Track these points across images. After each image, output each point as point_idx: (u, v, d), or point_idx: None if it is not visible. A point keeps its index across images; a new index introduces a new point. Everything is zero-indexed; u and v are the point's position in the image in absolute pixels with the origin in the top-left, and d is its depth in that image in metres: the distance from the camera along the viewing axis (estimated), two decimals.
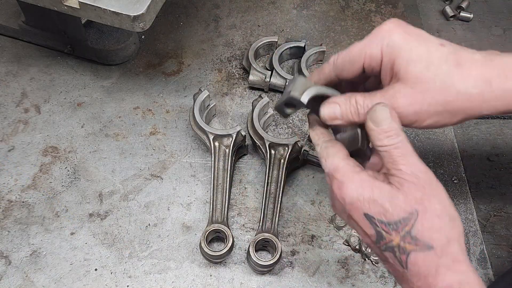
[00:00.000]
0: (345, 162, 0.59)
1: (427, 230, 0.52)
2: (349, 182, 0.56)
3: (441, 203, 0.54)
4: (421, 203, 0.53)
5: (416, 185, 0.54)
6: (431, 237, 0.52)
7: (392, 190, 0.54)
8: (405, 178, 0.54)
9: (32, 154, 0.94)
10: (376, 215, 0.54)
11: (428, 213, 0.53)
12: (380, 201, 0.54)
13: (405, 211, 0.53)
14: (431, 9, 1.25)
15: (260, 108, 0.94)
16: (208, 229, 0.81)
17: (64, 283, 0.81)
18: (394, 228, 0.53)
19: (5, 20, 1.08)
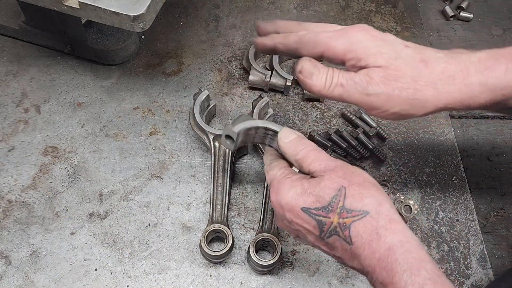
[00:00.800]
0: (281, 171, 0.65)
1: (358, 198, 0.57)
2: (282, 185, 0.62)
3: (361, 176, 0.60)
4: (344, 178, 0.58)
5: (335, 168, 0.60)
6: (363, 203, 0.56)
7: (317, 178, 0.60)
8: (325, 167, 0.61)
9: (32, 154, 0.94)
10: (311, 205, 0.58)
11: (353, 185, 0.58)
12: (310, 191, 0.59)
13: (333, 189, 0.58)
14: (431, 9, 1.25)
15: (260, 108, 0.94)
16: (208, 229, 0.81)
17: (64, 283, 0.81)
18: (330, 209, 0.57)
19: (5, 20, 1.08)
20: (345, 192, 0.57)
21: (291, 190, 0.61)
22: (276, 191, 0.62)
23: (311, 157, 0.63)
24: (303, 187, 0.60)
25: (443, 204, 0.92)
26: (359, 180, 0.59)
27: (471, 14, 1.22)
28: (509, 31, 1.21)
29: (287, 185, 0.61)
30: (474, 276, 0.85)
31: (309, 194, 0.59)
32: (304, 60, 0.67)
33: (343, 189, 0.58)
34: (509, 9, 1.26)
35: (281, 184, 0.62)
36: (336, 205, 0.57)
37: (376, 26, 1.18)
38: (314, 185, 0.59)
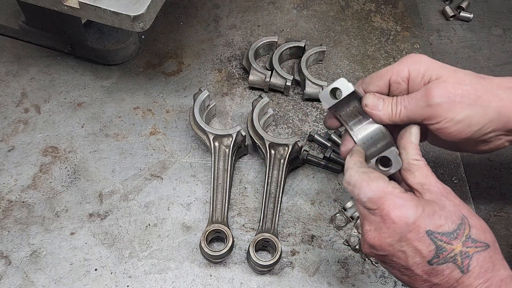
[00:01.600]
0: (390, 185, 0.60)
1: (481, 231, 0.58)
2: (407, 202, 0.58)
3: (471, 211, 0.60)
4: (463, 207, 0.59)
5: (451, 193, 0.60)
6: (485, 236, 0.58)
7: (440, 203, 0.59)
8: (440, 189, 0.60)
9: (32, 154, 0.94)
10: (436, 229, 0.57)
11: (472, 216, 0.58)
12: (439, 214, 0.57)
13: (457, 217, 0.57)
14: (431, 9, 1.25)
15: (260, 108, 0.94)
16: (208, 229, 0.81)
17: (64, 283, 0.81)
18: (455, 236, 0.57)
19: (5, 20, 1.08)
20: (469, 222, 0.58)
21: (419, 209, 0.57)
22: (401, 206, 0.58)
23: (426, 171, 0.61)
24: (431, 209, 0.58)
25: None
26: (471, 210, 0.60)
27: (471, 14, 1.22)
28: (509, 31, 1.21)
29: (413, 202, 0.58)
30: None
31: (434, 219, 0.57)
32: (368, 95, 0.68)
33: (465, 218, 0.58)
34: (509, 9, 1.26)
35: (405, 200, 0.58)
36: (461, 233, 0.57)
37: (376, 26, 1.18)
38: (440, 208, 0.58)
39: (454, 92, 0.62)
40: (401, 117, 0.65)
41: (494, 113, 0.63)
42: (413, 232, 0.57)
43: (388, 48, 1.15)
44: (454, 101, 0.62)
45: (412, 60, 0.66)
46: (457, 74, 0.64)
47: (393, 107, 0.66)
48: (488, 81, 0.64)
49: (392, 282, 0.83)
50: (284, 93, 1.05)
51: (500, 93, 0.63)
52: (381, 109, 0.66)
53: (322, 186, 0.93)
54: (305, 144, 0.98)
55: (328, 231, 0.88)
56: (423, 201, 0.59)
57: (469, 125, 0.63)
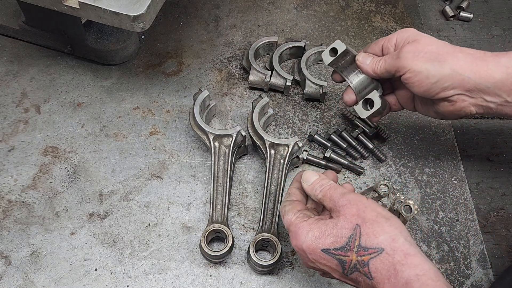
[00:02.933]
0: (295, 216, 0.69)
1: (372, 236, 0.61)
2: (300, 230, 0.66)
3: (374, 210, 0.63)
4: (358, 216, 0.63)
5: (350, 205, 0.64)
6: (378, 240, 0.60)
7: (334, 219, 0.65)
8: (340, 204, 0.65)
9: (32, 154, 0.94)
10: (330, 246, 0.63)
11: (367, 222, 0.62)
12: (328, 233, 0.64)
13: (349, 229, 0.62)
14: (431, 9, 1.25)
15: (260, 108, 0.94)
16: (208, 229, 0.81)
17: (64, 283, 0.81)
18: (348, 248, 0.62)
19: (5, 20, 1.08)
20: (360, 231, 0.61)
21: (309, 234, 0.65)
22: (295, 236, 0.66)
23: (330, 194, 0.68)
24: (320, 230, 0.64)
25: (443, 204, 0.92)
26: (372, 216, 0.62)
27: (471, 14, 1.22)
28: (509, 31, 1.21)
29: (305, 229, 0.65)
30: (474, 276, 0.85)
31: (327, 236, 0.63)
32: (361, 52, 0.84)
33: (358, 227, 0.62)
34: (509, 9, 1.26)
35: (299, 229, 0.66)
36: (353, 244, 0.61)
37: (376, 26, 1.18)
38: (332, 227, 0.64)
39: (420, 49, 0.75)
40: (381, 69, 0.80)
41: (449, 69, 0.73)
42: (312, 254, 0.65)
43: None
44: (418, 56, 0.74)
45: (401, 31, 0.81)
46: (431, 39, 0.77)
47: (376, 62, 0.81)
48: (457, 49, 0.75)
49: None
50: (284, 93, 1.05)
51: (460, 56, 0.74)
52: (368, 64, 0.82)
53: None
54: (305, 144, 0.98)
55: None
56: (317, 223, 0.65)
57: (427, 76, 0.74)
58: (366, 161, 0.97)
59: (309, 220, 0.67)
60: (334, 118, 1.02)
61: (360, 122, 1.00)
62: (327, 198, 0.68)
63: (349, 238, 0.62)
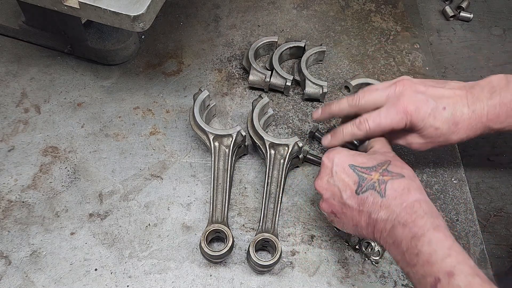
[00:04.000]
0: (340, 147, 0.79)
1: (399, 167, 0.71)
2: (339, 149, 0.76)
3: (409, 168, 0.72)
4: (390, 157, 0.73)
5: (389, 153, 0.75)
6: (402, 171, 0.70)
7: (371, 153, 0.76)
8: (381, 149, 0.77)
9: (32, 154, 0.94)
10: (358, 164, 0.72)
11: (397, 161, 0.72)
12: (361, 157, 0.74)
13: (382, 160, 0.72)
14: (431, 9, 1.25)
15: (260, 108, 0.94)
16: (208, 229, 0.81)
17: (64, 283, 0.81)
18: (373, 169, 0.71)
19: (5, 20, 1.08)
20: (390, 162, 0.71)
21: (344, 152, 0.74)
22: (331, 151, 0.76)
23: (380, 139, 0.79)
24: (356, 153, 0.75)
25: (443, 204, 0.92)
26: (403, 164, 0.72)
27: (471, 14, 1.22)
28: (509, 31, 1.21)
29: (344, 150, 0.75)
30: None
31: (360, 157, 0.73)
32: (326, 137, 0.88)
33: (388, 161, 0.71)
34: (509, 9, 1.26)
35: (339, 149, 0.76)
36: (379, 167, 0.70)
37: (376, 26, 1.18)
38: (367, 155, 0.75)
39: None
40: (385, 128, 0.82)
41: None
42: (338, 166, 0.73)
43: (388, 48, 1.15)
44: None
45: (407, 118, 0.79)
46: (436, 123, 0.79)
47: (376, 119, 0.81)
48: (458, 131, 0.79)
49: (392, 282, 0.83)
50: (284, 93, 1.05)
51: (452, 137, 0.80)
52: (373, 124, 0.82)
53: None
54: (306, 143, 0.98)
55: (328, 231, 0.88)
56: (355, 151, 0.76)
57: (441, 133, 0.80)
58: None
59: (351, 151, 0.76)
60: (334, 118, 1.02)
61: None
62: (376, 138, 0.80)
63: (378, 163, 0.71)
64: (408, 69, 1.11)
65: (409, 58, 1.13)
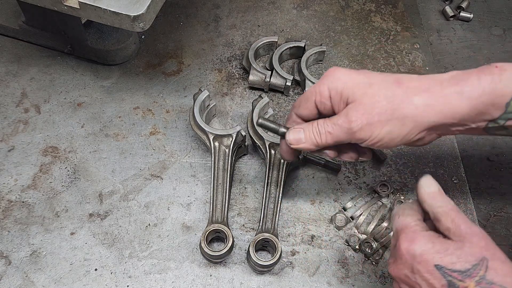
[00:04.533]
0: (415, 222, 0.62)
1: (501, 274, 0.55)
2: (419, 236, 0.60)
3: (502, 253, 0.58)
4: (487, 249, 0.56)
5: (478, 237, 0.58)
6: (505, 280, 0.54)
7: (458, 243, 0.58)
8: (466, 231, 0.58)
9: (32, 154, 0.94)
10: (447, 265, 0.56)
11: (496, 259, 0.56)
12: (450, 252, 0.57)
13: (475, 258, 0.56)
14: (431, 9, 1.25)
15: (260, 108, 0.94)
16: (208, 229, 0.81)
17: (64, 283, 0.81)
18: (467, 274, 0.55)
19: (5, 20, 1.08)
20: (487, 264, 0.56)
21: (429, 244, 0.59)
22: (411, 240, 0.60)
23: (453, 215, 0.60)
24: (442, 246, 0.58)
25: None
26: (502, 256, 0.57)
27: (471, 14, 1.22)
28: (509, 31, 1.21)
29: (426, 238, 0.59)
30: None
31: (448, 254, 0.57)
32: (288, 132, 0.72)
33: (485, 260, 0.56)
34: (509, 9, 1.26)
35: (418, 235, 0.60)
36: (476, 273, 0.55)
37: (376, 26, 1.18)
38: (456, 248, 0.58)
39: (371, 112, 0.65)
40: (328, 142, 0.69)
41: (411, 122, 0.65)
42: (422, 264, 0.58)
43: (388, 48, 1.15)
44: (373, 122, 0.65)
45: (330, 79, 0.69)
46: (371, 89, 0.66)
47: (316, 135, 0.70)
48: (405, 88, 0.66)
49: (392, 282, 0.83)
50: (284, 93, 1.05)
51: (415, 99, 0.65)
52: (304, 141, 0.71)
53: (322, 186, 0.93)
54: None
55: (328, 231, 0.88)
56: (439, 239, 0.59)
57: (391, 138, 0.66)
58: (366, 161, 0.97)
59: (430, 232, 0.61)
60: None
61: None
62: (449, 218, 0.60)
63: (473, 266, 0.56)
64: (408, 69, 1.11)
65: (409, 58, 1.13)
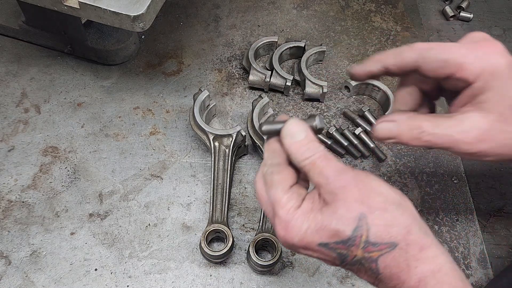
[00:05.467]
0: (287, 195, 0.54)
1: (383, 229, 0.50)
2: (293, 221, 0.52)
3: (381, 194, 0.52)
4: (361, 202, 0.51)
5: (350, 187, 0.51)
6: (390, 234, 0.50)
7: (330, 206, 0.51)
8: (336, 184, 0.51)
9: (32, 154, 0.94)
10: (329, 239, 0.51)
11: (374, 212, 0.50)
12: (327, 224, 0.51)
13: (352, 219, 0.50)
14: (431, 9, 1.25)
15: (260, 108, 0.94)
16: (208, 229, 0.81)
17: (64, 283, 0.81)
18: (351, 243, 0.50)
19: (5, 20, 1.08)
20: (367, 222, 0.50)
21: (303, 226, 0.52)
22: (285, 226, 0.53)
23: (320, 165, 0.53)
24: (316, 221, 0.51)
25: (443, 204, 0.92)
26: (379, 202, 0.51)
27: (471, 14, 1.22)
28: (509, 31, 1.21)
29: (299, 221, 0.52)
30: (474, 276, 0.85)
31: (326, 229, 0.51)
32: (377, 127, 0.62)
33: (364, 218, 0.50)
34: (509, 9, 1.26)
35: (291, 219, 0.53)
36: (358, 239, 0.50)
37: (376, 26, 1.18)
38: (329, 215, 0.51)
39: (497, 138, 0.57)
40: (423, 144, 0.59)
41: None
42: (305, 248, 0.53)
43: (388, 48, 1.15)
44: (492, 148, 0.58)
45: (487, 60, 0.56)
46: None
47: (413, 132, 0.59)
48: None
49: None
50: (284, 93, 1.05)
51: None
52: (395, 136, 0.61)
53: None
54: None
55: None
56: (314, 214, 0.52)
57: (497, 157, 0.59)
58: (366, 161, 0.97)
59: (303, 205, 0.53)
60: (334, 118, 1.02)
61: (361, 121, 1.00)
62: (317, 170, 0.53)
63: (353, 231, 0.50)
64: None
65: None
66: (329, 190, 0.52)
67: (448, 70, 0.58)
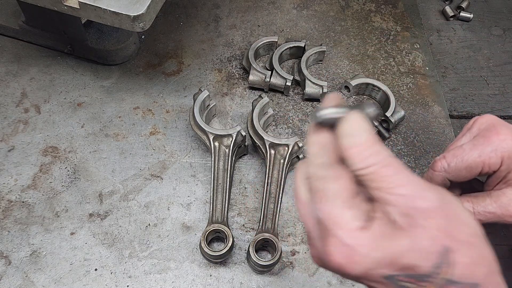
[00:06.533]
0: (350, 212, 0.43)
1: (468, 269, 0.42)
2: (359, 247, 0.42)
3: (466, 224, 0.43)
4: (448, 234, 0.41)
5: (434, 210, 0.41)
6: (474, 274, 0.42)
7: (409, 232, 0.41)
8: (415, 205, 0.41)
9: (32, 154, 0.94)
10: (399, 271, 0.42)
11: (461, 247, 0.42)
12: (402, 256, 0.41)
13: (435, 254, 0.41)
14: (431, 9, 1.25)
15: (260, 108, 0.94)
16: (208, 229, 0.81)
17: (64, 283, 0.81)
18: (426, 279, 0.42)
19: (5, 20, 1.08)
20: (452, 259, 0.41)
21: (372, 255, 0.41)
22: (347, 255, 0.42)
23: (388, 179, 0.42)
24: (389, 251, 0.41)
25: None
26: (466, 234, 0.43)
27: (471, 14, 1.22)
28: (509, 31, 1.21)
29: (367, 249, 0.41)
30: None
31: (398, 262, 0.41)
32: None
33: (448, 253, 0.41)
34: (509, 9, 1.26)
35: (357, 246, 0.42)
36: (437, 277, 0.41)
37: (376, 26, 1.18)
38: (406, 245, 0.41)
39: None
40: None
41: None
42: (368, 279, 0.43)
43: (388, 48, 1.15)
44: None
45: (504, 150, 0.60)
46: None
47: None
48: None
49: None
50: (284, 93, 1.05)
51: None
52: None
53: None
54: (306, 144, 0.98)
55: None
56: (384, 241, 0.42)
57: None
58: None
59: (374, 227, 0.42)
60: None
61: None
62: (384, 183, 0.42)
63: (433, 268, 0.41)
64: (408, 69, 1.11)
65: (409, 58, 1.13)
66: (405, 211, 0.41)
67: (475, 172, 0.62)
